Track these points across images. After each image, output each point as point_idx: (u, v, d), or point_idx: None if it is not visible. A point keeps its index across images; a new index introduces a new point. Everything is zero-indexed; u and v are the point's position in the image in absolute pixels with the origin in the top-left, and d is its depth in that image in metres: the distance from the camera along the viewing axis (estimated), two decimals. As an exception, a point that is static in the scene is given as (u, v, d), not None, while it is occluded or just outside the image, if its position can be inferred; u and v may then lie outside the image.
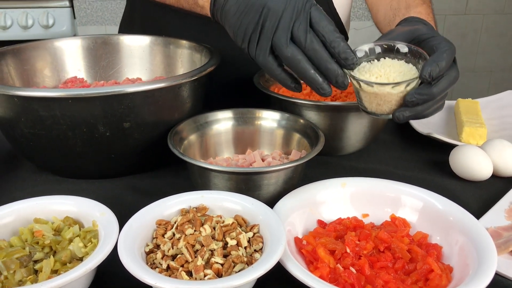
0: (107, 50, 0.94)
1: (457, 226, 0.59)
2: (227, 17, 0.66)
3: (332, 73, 0.62)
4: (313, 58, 0.62)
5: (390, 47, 0.67)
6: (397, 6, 0.85)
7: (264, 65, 0.64)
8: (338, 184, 0.67)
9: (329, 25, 0.62)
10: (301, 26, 0.61)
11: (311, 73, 0.62)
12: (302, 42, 0.61)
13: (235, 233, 0.55)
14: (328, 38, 0.61)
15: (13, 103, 0.66)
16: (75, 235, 0.56)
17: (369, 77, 0.65)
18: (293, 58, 0.62)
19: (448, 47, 0.63)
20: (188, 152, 0.74)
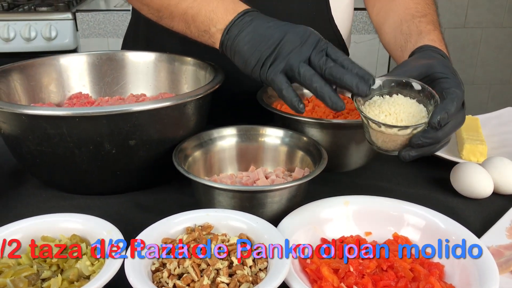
0: (112, 66, 0.95)
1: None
2: (239, 45, 0.69)
3: (351, 82, 0.64)
4: (329, 75, 0.65)
5: (404, 83, 0.69)
6: (408, 31, 0.84)
7: (273, 81, 0.67)
8: (341, 202, 0.68)
9: (345, 56, 0.65)
10: (317, 54, 0.65)
11: (325, 89, 0.64)
12: (318, 64, 0.65)
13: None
14: (345, 64, 0.65)
15: (20, 120, 0.67)
16: (82, 253, 0.57)
17: (378, 114, 0.66)
18: (306, 73, 0.65)
19: (457, 94, 0.65)
20: (192, 168, 0.75)
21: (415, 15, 0.86)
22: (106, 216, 0.71)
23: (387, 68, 2.34)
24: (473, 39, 2.85)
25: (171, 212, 0.73)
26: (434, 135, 0.64)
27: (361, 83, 0.64)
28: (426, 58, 0.72)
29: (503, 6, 2.79)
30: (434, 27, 0.84)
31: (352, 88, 0.64)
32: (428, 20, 0.85)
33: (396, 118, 0.66)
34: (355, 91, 0.64)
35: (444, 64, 0.70)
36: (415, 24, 0.85)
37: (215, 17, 0.72)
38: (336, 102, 0.64)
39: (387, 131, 0.65)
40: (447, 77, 0.68)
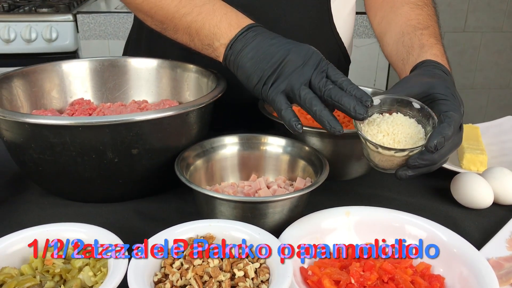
0: (114, 72, 0.95)
1: (461, 258, 0.60)
2: (242, 61, 0.70)
3: (349, 104, 0.64)
4: (328, 96, 0.65)
5: (404, 101, 0.70)
6: (410, 44, 0.84)
7: (274, 101, 0.67)
8: (342, 212, 0.68)
9: (345, 77, 0.66)
10: (318, 75, 0.66)
11: (324, 112, 0.65)
12: (318, 86, 0.66)
13: (242, 264, 0.56)
14: (345, 86, 0.66)
15: (23, 129, 0.68)
16: (84, 264, 0.57)
17: (376, 134, 0.67)
18: (306, 96, 0.65)
19: (455, 118, 0.65)
20: (194, 177, 0.75)
21: (417, 27, 0.86)
22: (108, 224, 0.72)
23: (387, 72, 2.35)
24: (473, 44, 2.85)
25: (173, 220, 0.73)
26: (430, 157, 0.65)
27: (358, 106, 0.64)
28: (427, 76, 0.72)
29: (502, 10, 2.80)
30: (436, 40, 0.84)
31: (350, 111, 0.64)
32: (430, 33, 0.85)
33: (394, 139, 0.67)
34: (353, 114, 0.65)
35: (445, 85, 0.70)
36: (417, 36, 0.84)
37: (218, 32, 0.73)
38: (335, 126, 0.65)
39: (384, 153, 0.66)
40: (447, 99, 0.68)
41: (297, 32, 1.01)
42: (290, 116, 0.67)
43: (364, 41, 2.24)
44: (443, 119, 0.66)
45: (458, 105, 0.68)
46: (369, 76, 2.33)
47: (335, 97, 0.65)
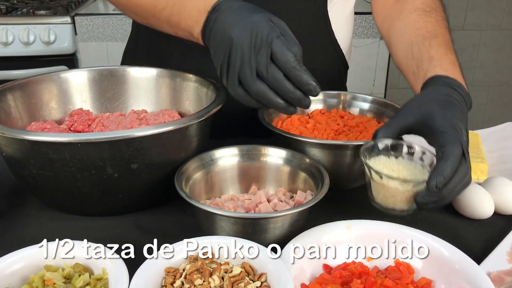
0: (112, 82, 0.94)
1: (463, 275, 0.60)
2: (211, 48, 0.71)
3: (297, 101, 0.67)
4: (277, 90, 0.66)
5: (410, 147, 0.73)
6: (419, 56, 0.82)
7: (235, 96, 0.69)
8: (343, 227, 0.68)
9: (291, 58, 0.65)
10: (262, 61, 0.65)
11: (277, 102, 0.67)
12: (265, 78, 0.66)
13: (243, 283, 0.56)
14: (290, 73, 0.65)
15: (22, 145, 0.67)
16: (85, 284, 0.57)
17: (382, 169, 0.69)
18: (258, 92, 0.66)
19: (452, 153, 0.64)
20: (194, 190, 0.75)
21: (426, 36, 0.84)
22: (108, 238, 0.72)
23: (386, 72, 2.34)
24: (472, 41, 2.85)
25: (173, 234, 0.73)
26: (437, 195, 0.64)
27: (303, 99, 0.67)
28: (430, 101, 0.71)
29: (502, 8, 2.79)
30: (446, 50, 0.82)
31: (296, 103, 0.67)
32: (439, 42, 0.83)
33: (399, 175, 0.68)
34: (297, 106, 0.68)
35: (445, 114, 0.68)
36: (425, 47, 0.82)
37: (191, 22, 0.73)
38: (287, 110, 0.68)
39: (388, 184, 0.67)
40: (444, 131, 0.66)
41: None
42: (258, 104, 0.68)
43: (363, 41, 2.23)
44: (440, 154, 0.65)
45: (456, 136, 0.66)
46: (368, 76, 2.32)
47: (283, 93, 0.66)
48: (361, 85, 2.33)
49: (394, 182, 0.67)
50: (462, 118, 0.70)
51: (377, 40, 2.24)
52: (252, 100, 0.68)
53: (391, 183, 0.67)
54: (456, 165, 0.64)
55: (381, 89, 2.38)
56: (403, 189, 0.66)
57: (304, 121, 0.95)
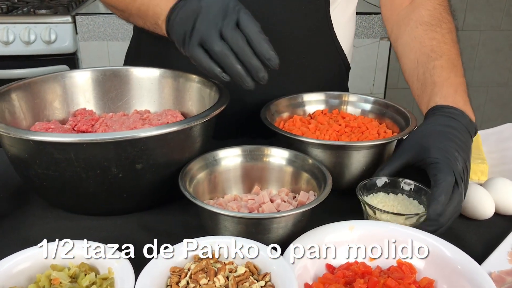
0: (115, 82, 0.95)
1: (464, 275, 0.60)
2: (173, 28, 0.72)
3: (254, 68, 0.69)
4: (238, 54, 0.68)
5: (396, 183, 0.78)
6: (423, 80, 0.85)
7: (193, 55, 0.70)
8: (346, 227, 0.68)
9: (255, 27, 0.68)
10: (229, 24, 0.67)
11: (236, 67, 0.68)
12: (228, 39, 0.67)
13: (248, 283, 0.56)
14: (253, 38, 0.68)
15: (28, 145, 0.68)
16: (91, 283, 0.57)
17: (377, 204, 0.74)
18: (220, 52, 0.68)
19: (444, 180, 0.68)
20: (197, 190, 0.75)
21: (431, 57, 0.86)
22: (112, 238, 0.73)
23: (386, 72, 2.35)
24: (471, 42, 2.85)
25: (177, 234, 0.74)
26: (435, 223, 0.68)
27: (261, 70, 0.69)
28: (427, 136, 0.75)
29: (501, 9, 2.80)
30: (449, 72, 0.83)
31: (253, 76, 0.69)
32: (443, 64, 0.84)
33: (393, 209, 0.73)
34: (256, 79, 0.69)
35: (438, 146, 0.72)
36: (429, 71, 0.85)
37: (159, 10, 0.75)
38: (243, 80, 0.69)
39: (381, 217, 0.71)
40: (437, 162, 0.71)
41: (296, 41, 1.01)
42: (213, 67, 0.69)
43: (363, 41, 2.24)
44: (433, 183, 0.69)
45: (447, 165, 0.70)
46: (368, 76, 2.33)
47: (243, 57, 0.68)
48: (360, 85, 2.33)
49: (386, 216, 0.71)
50: (459, 147, 0.73)
51: (377, 40, 2.25)
52: (211, 63, 0.69)
53: (384, 217, 0.71)
54: (448, 191, 0.68)
55: (380, 89, 2.39)
56: (394, 222, 0.70)
57: (306, 122, 0.95)
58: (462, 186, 0.71)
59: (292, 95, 0.99)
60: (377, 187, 0.78)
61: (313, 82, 1.06)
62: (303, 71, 1.04)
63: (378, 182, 0.78)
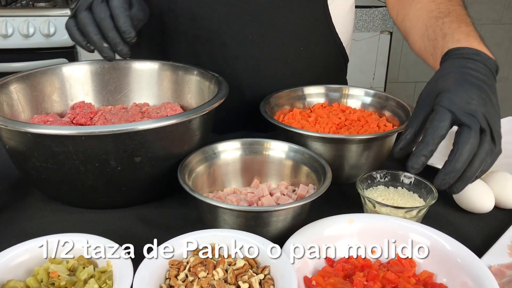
0: (114, 74, 0.94)
1: (464, 268, 0.60)
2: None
3: (112, 41, 0.74)
4: (100, 25, 0.74)
5: (396, 176, 0.78)
6: (434, 37, 0.82)
7: (65, 26, 0.77)
8: (345, 220, 0.68)
9: (119, 3, 0.74)
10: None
11: (93, 36, 0.74)
12: (93, 11, 0.74)
13: (247, 276, 0.56)
14: (114, 13, 0.73)
15: (26, 138, 0.67)
16: (89, 276, 0.57)
17: (376, 197, 0.74)
18: (81, 21, 0.75)
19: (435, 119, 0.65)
20: (196, 183, 0.75)
21: (439, 17, 0.84)
22: (111, 231, 0.72)
23: (386, 66, 2.34)
24: (472, 36, 2.84)
25: (176, 227, 0.74)
26: (451, 167, 0.63)
27: (120, 43, 0.74)
28: (439, 85, 0.69)
29: (502, 3, 2.79)
30: (459, 24, 0.80)
31: (113, 48, 0.75)
32: (452, 19, 0.82)
33: (393, 203, 0.73)
34: (115, 51, 0.75)
35: (454, 78, 0.67)
36: (438, 27, 0.82)
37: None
38: (102, 49, 0.75)
39: (381, 211, 0.71)
40: (449, 91, 0.66)
41: (294, 32, 1.01)
42: (77, 35, 0.75)
43: (363, 35, 2.23)
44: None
45: (458, 94, 0.65)
46: (368, 70, 2.33)
47: (103, 30, 0.73)
48: (361, 79, 2.33)
49: (386, 209, 0.71)
50: (473, 85, 0.67)
51: (377, 34, 2.24)
52: (77, 31, 0.76)
53: (383, 210, 0.71)
54: (442, 122, 0.64)
55: (381, 83, 2.38)
56: (394, 215, 0.70)
57: (306, 115, 0.95)
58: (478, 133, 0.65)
59: (292, 88, 0.99)
60: (377, 180, 0.78)
61: (311, 74, 1.06)
62: (301, 63, 1.04)
63: (377, 176, 0.77)
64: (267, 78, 1.03)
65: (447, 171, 0.64)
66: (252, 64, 1.01)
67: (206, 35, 0.99)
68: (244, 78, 1.02)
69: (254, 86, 1.03)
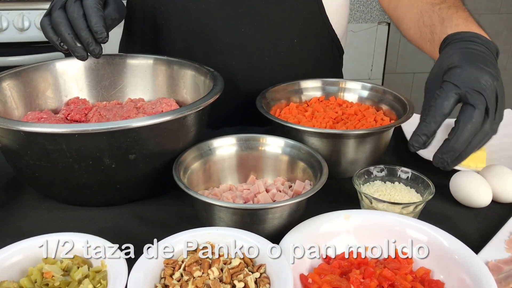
0: (109, 70, 0.93)
1: (462, 265, 0.60)
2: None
3: (85, 40, 0.73)
4: (73, 25, 0.73)
5: (393, 171, 0.77)
6: (430, 22, 0.82)
7: (40, 24, 0.75)
8: (341, 216, 0.68)
9: (92, 3, 0.73)
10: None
11: (65, 35, 0.73)
12: (67, 10, 0.73)
13: (243, 274, 0.56)
14: (87, 12, 0.72)
15: (19, 136, 0.67)
16: (84, 276, 0.56)
17: (373, 193, 0.73)
18: (54, 20, 0.73)
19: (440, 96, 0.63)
20: (192, 180, 0.74)
21: (434, 3, 0.84)
22: (106, 229, 0.72)
23: (384, 57, 2.33)
24: (470, 26, 2.83)
25: (171, 224, 0.73)
26: (448, 146, 0.63)
27: (92, 43, 0.73)
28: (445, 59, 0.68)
29: (501, -8, 2.77)
30: (456, 9, 0.80)
31: (86, 48, 0.73)
32: (449, 5, 0.82)
33: (390, 198, 0.72)
34: (88, 51, 0.74)
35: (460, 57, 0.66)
36: (435, 12, 0.82)
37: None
38: (74, 51, 0.74)
39: (378, 207, 0.70)
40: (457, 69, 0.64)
41: (287, 24, 1.00)
42: (50, 33, 0.74)
43: (361, 26, 2.22)
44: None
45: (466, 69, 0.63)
46: (366, 61, 2.31)
47: (76, 28, 0.72)
48: (359, 70, 2.32)
49: (383, 205, 0.70)
50: (482, 62, 0.65)
51: (375, 24, 2.23)
52: (51, 30, 0.74)
53: (380, 206, 0.70)
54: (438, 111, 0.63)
55: (379, 74, 2.37)
56: (391, 211, 0.69)
57: (302, 109, 0.94)
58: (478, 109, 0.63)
59: (288, 82, 0.98)
60: (373, 175, 0.77)
61: (305, 66, 1.05)
62: (295, 55, 1.03)
63: (374, 171, 0.77)
64: (261, 72, 1.02)
65: (446, 150, 0.64)
66: (246, 57, 1.01)
67: (198, 29, 0.98)
68: (238, 72, 1.01)
69: (249, 80, 1.02)
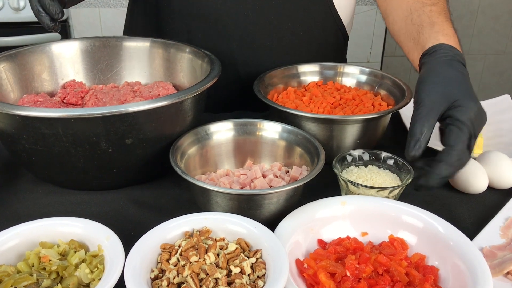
0: (105, 52, 0.93)
1: (456, 251, 0.60)
2: None
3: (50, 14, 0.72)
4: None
5: (378, 156, 0.77)
6: (419, 22, 0.82)
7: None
8: (337, 202, 0.68)
9: None
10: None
11: (36, 8, 0.72)
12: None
13: (239, 260, 0.56)
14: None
15: (14, 120, 0.66)
16: (81, 260, 0.57)
17: (356, 179, 0.73)
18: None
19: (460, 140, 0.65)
20: (189, 164, 0.74)
21: (425, 3, 0.84)
22: (103, 213, 0.72)
23: (383, 39, 2.32)
24: (470, 8, 2.80)
25: (168, 209, 0.73)
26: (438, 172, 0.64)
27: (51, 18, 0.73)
28: (445, 80, 0.70)
29: (499, -26, 2.74)
30: (446, 17, 0.81)
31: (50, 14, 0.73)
32: (440, 9, 0.82)
33: (373, 183, 0.72)
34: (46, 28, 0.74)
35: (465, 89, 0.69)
36: (426, 13, 0.82)
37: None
38: (43, 19, 0.73)
39: (366, 193, 0.70)
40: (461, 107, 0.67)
41: (290, 9, 0.99)
42: (39, 12, 0.73)
43: (360, 8, 2.20)
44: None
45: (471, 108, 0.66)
46: (365, 44, 2.30)
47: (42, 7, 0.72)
48: (358, 53, 2.30)
49: (371, 191, 0.70)
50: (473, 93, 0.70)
51: (375, 7, 2.21)
52: (36, 5, 0.73)
53: (368, 192, 0.70)
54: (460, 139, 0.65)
55: (377, 57, 2.36)
56: (380, 196, 0.70)
57: (300, 94, 0.94)
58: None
59: (286, 66, 0.98)
60: (347, 161, 0.77)
61: (308, 52, 1.04)
62: (298, 40, 1.02)
63: (348, 157, 0.77)
64: (262, 56, 1.01)
65: (433, 173, 0.65)
66: (247, 41, 1.00)
67: (200, 12, 0.97)
68: (238, 55, 1.00)
69: (249, 64, 1.02)
